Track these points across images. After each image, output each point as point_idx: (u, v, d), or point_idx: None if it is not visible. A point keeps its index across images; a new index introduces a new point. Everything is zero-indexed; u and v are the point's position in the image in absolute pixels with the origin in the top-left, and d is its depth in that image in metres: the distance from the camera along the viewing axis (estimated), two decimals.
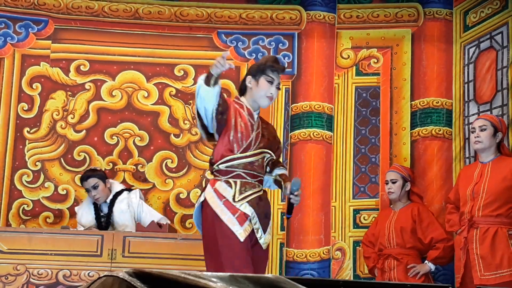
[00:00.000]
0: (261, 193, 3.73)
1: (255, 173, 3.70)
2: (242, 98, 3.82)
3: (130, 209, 5.11)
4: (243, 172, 3.66)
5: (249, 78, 3.78)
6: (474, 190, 4.44)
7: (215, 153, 3.70)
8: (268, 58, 3.84)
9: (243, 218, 3.59)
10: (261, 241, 3.63)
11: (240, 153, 3.66)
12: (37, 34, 5.72)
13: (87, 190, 5.18)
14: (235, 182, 3.65)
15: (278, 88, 3.79)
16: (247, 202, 3.62)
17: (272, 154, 3.79)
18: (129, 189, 5.32)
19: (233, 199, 3.61)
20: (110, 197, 5.17)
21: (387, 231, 5.03)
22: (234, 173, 3.66)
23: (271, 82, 3.74)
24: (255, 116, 3.79)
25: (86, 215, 5.18)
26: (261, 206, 3.68)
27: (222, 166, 3.67)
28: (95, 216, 5.14)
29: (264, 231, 3.66)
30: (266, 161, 3.77)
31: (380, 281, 4.85)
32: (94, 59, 5.75)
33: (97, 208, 5.16)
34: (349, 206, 5.57)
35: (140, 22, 5.81)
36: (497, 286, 4.17)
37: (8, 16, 5.67)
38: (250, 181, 3.67)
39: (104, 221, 5.10)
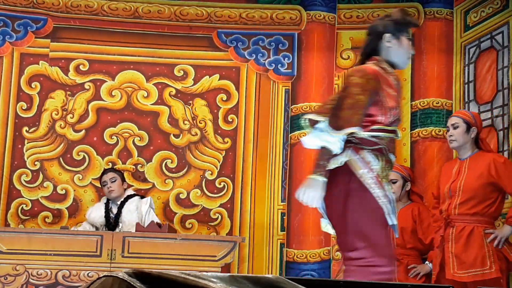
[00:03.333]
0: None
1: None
2: (382, 64, 3.23)
3: (138, 211, 5.15)
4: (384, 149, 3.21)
5: (388, 36, 3.22)
6: (451, 188, 4.41)
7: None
8: (402, 12, 3.30)
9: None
10: None
11: (388, 125, 3.18)
12: (36, 32, 5.70)
13: (104, 184, 5.24)
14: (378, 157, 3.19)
15: None
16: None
17: None
18: (142, 196, 5.36)
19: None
20: (122, 199, 5.23)
21: None
22: (377, 146, 3.18)
23: (411, 41, 3.29)
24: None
25: (95, 211, 5.26)
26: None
27: (367, 135, 3.14)
28: (104, 215, 5.20)
29: None
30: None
31: (381, 281, 4.84)
32: (93, 58, 5.74)
33: (107, 208, 5.23)
34: None
35: (140, 22, 5.80)
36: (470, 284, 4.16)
37: (7, 14, 5.66)
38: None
39: (112, 219, 5.15)
